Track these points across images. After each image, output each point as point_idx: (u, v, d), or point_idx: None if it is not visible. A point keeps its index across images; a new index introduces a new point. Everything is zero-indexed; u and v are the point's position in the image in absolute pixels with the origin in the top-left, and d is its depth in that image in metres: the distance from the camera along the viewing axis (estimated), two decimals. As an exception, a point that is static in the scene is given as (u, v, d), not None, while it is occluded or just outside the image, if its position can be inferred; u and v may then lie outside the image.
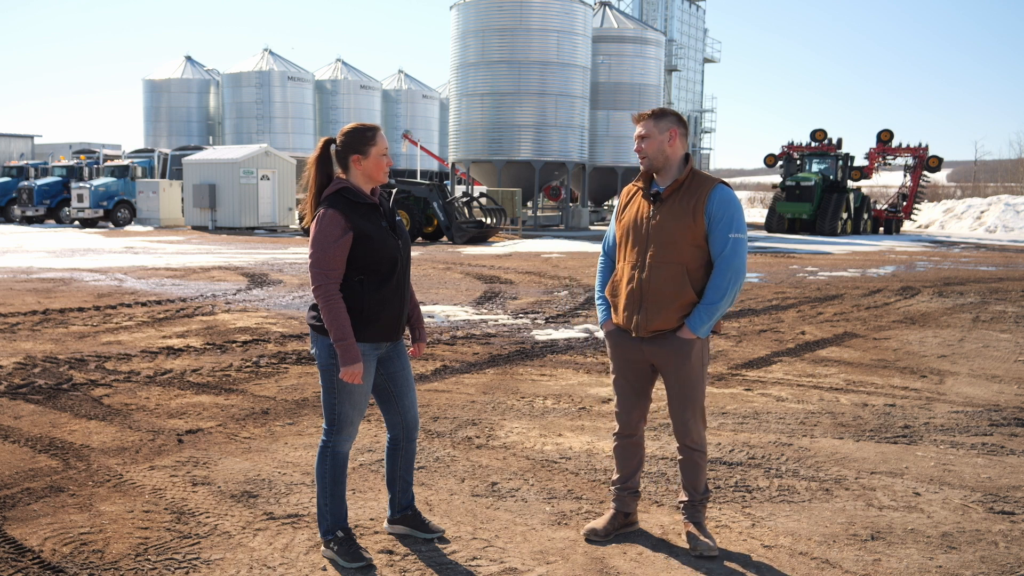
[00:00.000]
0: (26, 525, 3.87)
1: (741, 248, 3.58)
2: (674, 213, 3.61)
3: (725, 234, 3.57)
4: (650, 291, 3.62)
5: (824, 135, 35.61)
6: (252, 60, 47.89)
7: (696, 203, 3.59)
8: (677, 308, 3.62)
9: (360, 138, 3.50)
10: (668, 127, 3.64)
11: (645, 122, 3.67)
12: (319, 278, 3.39)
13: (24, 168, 37.18)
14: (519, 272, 16.04)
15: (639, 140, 3.69)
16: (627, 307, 3.70)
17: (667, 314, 3.62)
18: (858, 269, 17.95)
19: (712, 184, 3.63)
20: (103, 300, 11.22)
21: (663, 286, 3.60)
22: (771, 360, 7.93)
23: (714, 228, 3.58)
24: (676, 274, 3.60)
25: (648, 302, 3.63)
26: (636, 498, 3.94)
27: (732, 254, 3.57)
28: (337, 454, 3.58)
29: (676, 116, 3.70)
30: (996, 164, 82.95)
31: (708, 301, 3.60)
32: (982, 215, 40.73)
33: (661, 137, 3.64)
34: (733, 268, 3.57)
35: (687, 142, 3.73)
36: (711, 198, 3.59)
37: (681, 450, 3.81)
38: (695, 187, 3.63)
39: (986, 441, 5.40)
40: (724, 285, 3.58)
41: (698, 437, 3.79)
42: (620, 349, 3.81)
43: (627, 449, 3.91)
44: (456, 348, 8.27)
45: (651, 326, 3.64)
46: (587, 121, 33.43)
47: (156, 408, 5.92)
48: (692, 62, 53.11)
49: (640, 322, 3.66)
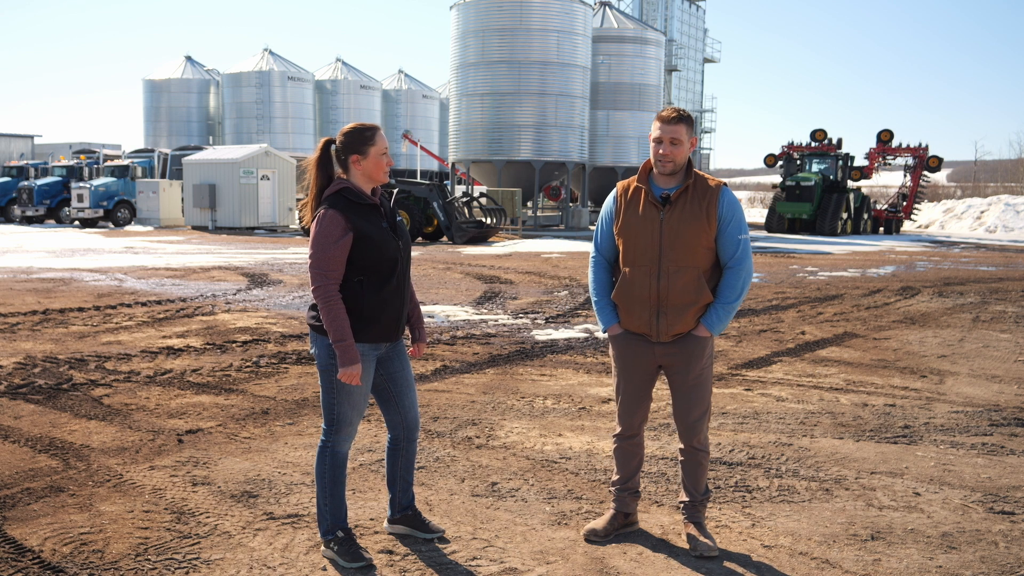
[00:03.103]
0: (26, 525, 3.87)
1: (749, 249, 3.69)
2: (686, 217, 3.60)
3: (736, 236, 3.63)
4: (669, 297, 3.62)
5: (824, 135, 35.60)
6: (252, 60, 47.94)
7: (708, 205, 3.60)
8: (696, 311, 3.65)
9: (359, 138, 3.50)
10: (692, 134, 3.67)
11: (677, 127, 3.60)
12: (319, 278, 3.39)
13: (24, 168, 37.16)
14: (519, 272, 16.04)
15: (668, 144, 3.60)
16: (642, 313, 3.67)
17: (687, 318, 3.65)
18: (858, 269, 17.95)
19: (718, 186, 3.66)
20: (103, 300, 11.22)
21: (683, 291, 3.61)
22: (771, 360, 7.93)
23: (725, 230, 3.63)
24: (694, 278, 3.62)
25: (668, 308, 3.63)
26: (636, 498, 3.95)
27: (744, 255, 3.64)
28: (336, 454, 3.58)
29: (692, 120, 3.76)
30: (996, 164, 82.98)
31: (725, 300, 3.64)
32: (982, 215, 40.72)
33: (687, 143, 3.65)
34: (746, 268, 3.65)
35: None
36: (721, 201, 3.62)
37: (685, 451, 3.81)
38: (701, 189, 3.65)
39: (986, 441, 5.40)
40: (739, 285, 3.64)
41: (704, 437, 3.80)
42: (629, 352, 3.79)
43: (627, 450, 3.91)
44: (456, 348, 8.27)
45: (672, 331, 3.66)
46: (587, 121, 33.40)
47: (156, 408, 5.92)
48: (692, 62, 53.11)
49: (662, 327, 3.65)
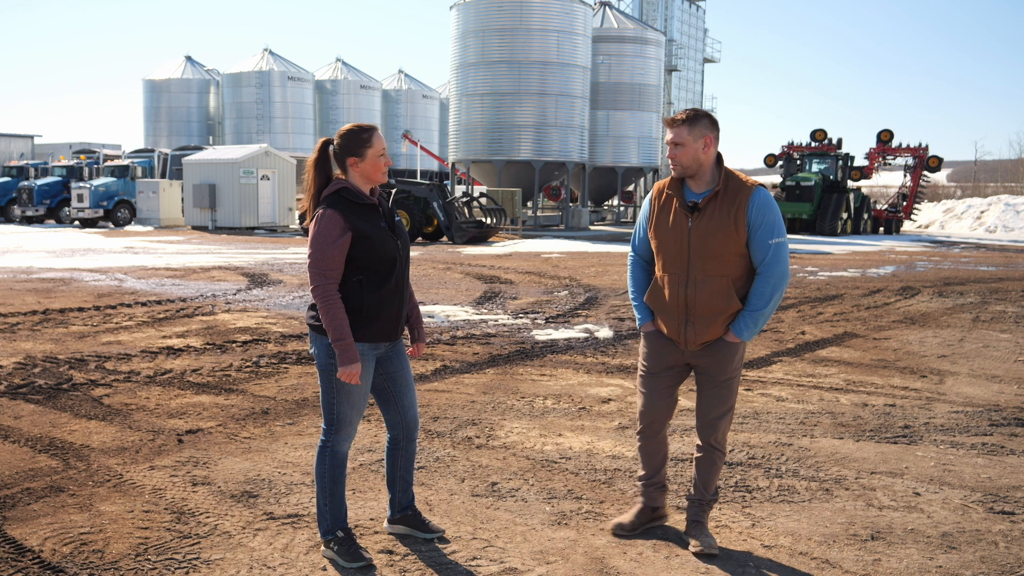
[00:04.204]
0: (26, 525, 3.87)
1: (783, 253, 3.51)
2: (714, 224, 3.48)
3: (766, 240, 3.48)
4: (696, 305, 3.54)
5: (824, 135, 35.58)
6: (252, 60, 47.93)
7: (737, 211, 3.47)
8: (725, 319, 3.56)
9: (356, 140, 3.49)
10: (703, 133, 3.48)
11: (678, 128, 3.49)
12: (317, 278, 3.39)
13: (24, 168, 37.16)
14: (519, 272, 16.03)
15: (672, 147, 3.50)
16: (672, 319, 3.62)
17: (715, 326, 3.56)
18: (858, 269, 17.94)
19: (750, 190, 3.50)
20: (103, 300, 11.22)
21: (710, 301, 3.52)
22: (771, 360, 7.93)
23: (755, 235, 3.48)
24: (723, 287, 3.51)
25: (696, 316, 3.56)
26: (664, 492, 3.92)
27: (775, 260, 3.49)
28: (336, 454, 3.58)
29: (710, 119, 3.51)
30: (996, 164, 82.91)
31: (753, 308, 3.53)
32: (982, 215, 40.70)
33: (696, 145, 3.48)
34: (776, 274, 3.50)
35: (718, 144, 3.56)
36: (751, 205, 3.47)
37: (702, 448, 3.79)
38: (732, 193, 3.50)
39: (986, 441, 5.40)
40: (768, 292, 3.51)
41: (722, 437, 3.77)
42: (659, 350, 3.73)
43: (652, 446, 3.87)
44: (456, 348, 8.27)
45: (700, 340, 3.59)
46: (587, 121, 33.41)
47: (156, 408, 5.92)
48: (692, 62, 53.10)
49: (690, 336, 3.60)
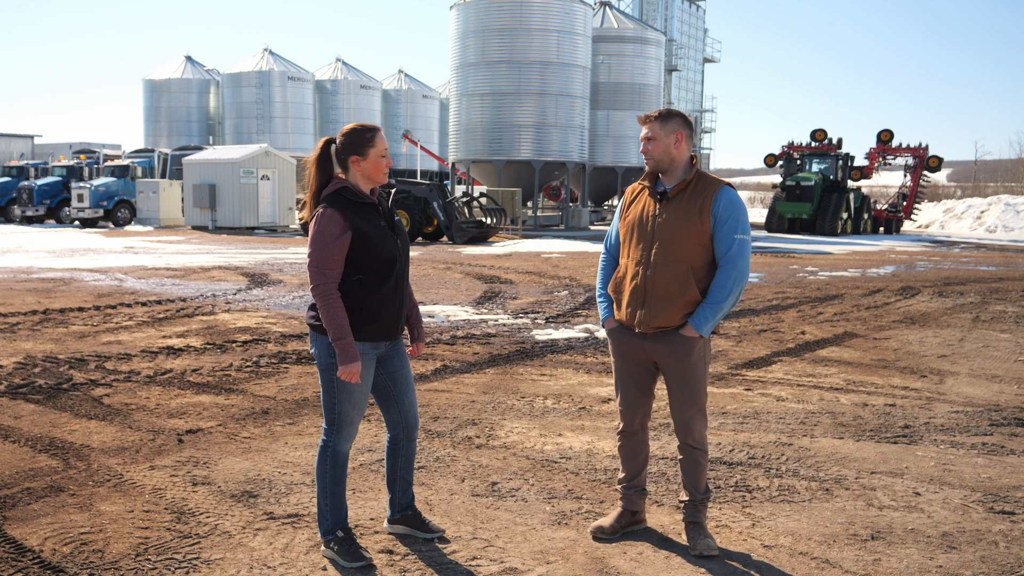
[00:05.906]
0: (26, 525, 3.87)
1: (746, 249, 3.61)
2: (680, 212, 3.62)
3: (731, 235, 3.59)
4: (654, 288, 3.64)
5: (824, 135, 35.59)
6: (252, 60, 47.94)
7: (703, 203, 3.61)
8: (681, 306, 3.63)
9: (359, 139, 3.50)
10: (675, 129, 3.65)
11: (651, 124, 3.67)
12: (317, 277, 3.39)
13: (24, 168, 37.18)
14: (519, 272, 16.04)
15: (645, 142, 3.68)
16: (630, 303, 3.71)
17: (670, 311, 3.63)
18: (858, 269, 17.94)
19: (718, 186, 3.66)
20: (103, 300, 11.22)
21: (668, 283, 3.62)
22: (771, 360, 7.93)
23: (720, 228, 3.60)
24: (681, 272, 3.61)
25: (652, 299, 3.65)
26: (643, 496, 3.95)
27: (738, 255, 3.59)
28: (337, 454, 3.58)
29: (682, 118, 3.70)
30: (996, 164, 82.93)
31: (712, 300, 3.61)
32: (982, 215, 40.72)
33: (667, 139, 3.64)
34: (738, 269, 3.59)
35: (692, 143, 3.72)
36: (717, 199, 3.61)
37: (682, 449, 3.82)
38: (701, 188, 3.65)
39: (986, 441, 5.40)
40: (729, 285, 3.60)
41: (699, 436, 3.79)
42: (622, 346, 3.82)
43: (631, 447, 3.91)
44: (456, 348, 8.27)
45: (654, 323, 3.65)
46: (587, 121, 33.40)
47: (156, 408, 5.92)
48: (692, 62, 53.14)
49: (643, 318, 3.66)
